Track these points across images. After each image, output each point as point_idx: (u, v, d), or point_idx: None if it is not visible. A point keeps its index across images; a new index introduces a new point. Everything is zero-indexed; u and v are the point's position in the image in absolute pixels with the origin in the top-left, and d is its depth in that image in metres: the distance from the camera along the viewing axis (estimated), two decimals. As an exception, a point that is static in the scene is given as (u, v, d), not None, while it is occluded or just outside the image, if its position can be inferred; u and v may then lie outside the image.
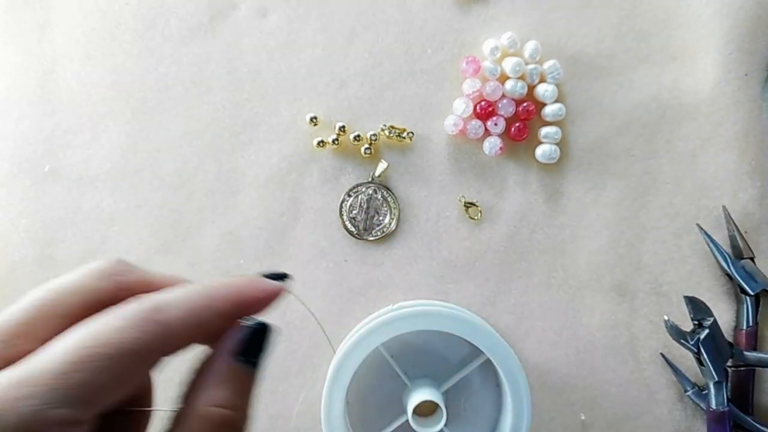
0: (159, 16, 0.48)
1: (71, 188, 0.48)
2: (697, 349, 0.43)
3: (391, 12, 0.48)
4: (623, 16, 0.48)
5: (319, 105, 0.48)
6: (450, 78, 0.48)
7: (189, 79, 0.48)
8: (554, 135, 0.46)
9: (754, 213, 0.46)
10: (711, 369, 0.43)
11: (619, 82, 0.47)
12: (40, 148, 0.48)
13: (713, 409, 0.44)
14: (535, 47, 0.46)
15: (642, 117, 0.47)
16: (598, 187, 0.47)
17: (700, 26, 0.47)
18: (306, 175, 0.47)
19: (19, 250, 0.48)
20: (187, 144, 0.48)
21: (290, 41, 0.48)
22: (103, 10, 0.49)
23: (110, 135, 0.48)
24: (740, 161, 0.47)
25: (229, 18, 0.48)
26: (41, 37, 0.49)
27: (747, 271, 0.45)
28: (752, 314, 0.45)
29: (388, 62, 0.48)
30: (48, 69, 0.48)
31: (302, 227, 0.47)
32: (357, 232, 0.47)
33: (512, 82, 0.46)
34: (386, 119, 0.47)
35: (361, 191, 0.47)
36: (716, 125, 0.47)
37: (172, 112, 0.48)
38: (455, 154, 0.47)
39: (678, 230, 0.47)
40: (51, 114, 0.48)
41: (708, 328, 0.43)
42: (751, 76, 0.47)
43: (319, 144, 0.47)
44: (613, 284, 0.47)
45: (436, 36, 0.48)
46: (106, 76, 0.48)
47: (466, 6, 0.48)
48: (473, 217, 0.47)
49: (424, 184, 0.47)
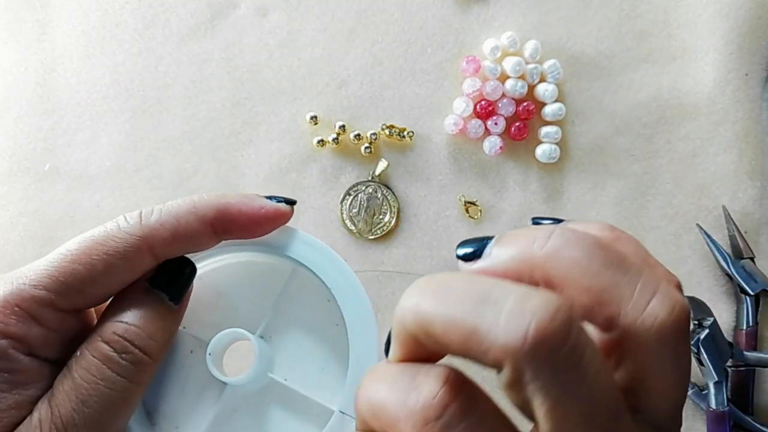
0: (159, 15, 0.48)
1: (71, 187, 0.48)
2: (697, 349, 0.43)
3: (391, 12, 0.48)
4: (623, 16, 0.48)
5: (319, 104, 0.48)
6: (450, 77, 0.48)
7: (189, 78, 0.48)
8: (554, 135, 0.46)
9: (754, 213, 0.46)
10: (711, 369, 0.43)
11: (619, 82, 0.47)
12: (39, 147, 0.48)
13: (713, 409, 0.44)
14: (535, 47, 0.46)
15: (642, 117, 0.47)
16: (598, 187, 0.47)
17: (700, 26, 0.47)
18: (306, 175, 0.47)
19: (19, 249, 0.48)
20: (186, 143, 0.48)
21: (290, 40, 0.48)
22: (104, 8, 0.49)
23: (110, 134, 0.48)
24: (740, 161, 0.47)
25: (229, 17, 0.48)
26: (41, 36, 0.49)
27: (747, 271, 0.45)
28: (752, 314, 0.45)
29: (388, 62, 0.48)
30: (48, 67, 0.48)
31: (302, 227, 0.47)
32: (357, 231, 0.47)
33: (512, 82, 0.46)
34: (386, 118, 0.47)
35: (361, 190, 0.47)
36: (716, 125, 0.47)
37: (172, 111, 0.48)
38: (455, 153, 0.47)
39: (678, 230, 0.47)
40: (51, 112, 0.48)
41: (708, 328, 0.43)
42: (751, 76, 0.47)
43: (319, 143, 0.47)
44: (613, 284, 0.47)
45: (436, 35, 0.48)
46: (106, 75, 0.48)
47: (466, 6, 0.48)
48: (473, 216, 0.47)
49: (424, 184, 0.47)
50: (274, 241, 0.28)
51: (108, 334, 0.23)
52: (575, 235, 0.19)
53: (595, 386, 0.17)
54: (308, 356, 0.29)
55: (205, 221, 0.25)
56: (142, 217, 0.24)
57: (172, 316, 0.25)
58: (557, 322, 0.16)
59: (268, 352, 0.28)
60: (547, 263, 0.19)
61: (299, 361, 0.29)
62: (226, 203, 0.25)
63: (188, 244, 0.25)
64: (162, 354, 0.25)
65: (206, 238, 0.25)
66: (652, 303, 0.18)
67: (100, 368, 0.23)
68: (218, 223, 0.25)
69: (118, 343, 0.23)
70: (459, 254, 0.20)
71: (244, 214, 0.25)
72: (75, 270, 0.23)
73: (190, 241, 0.25)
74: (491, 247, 0.20)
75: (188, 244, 0.25)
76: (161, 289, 0.25)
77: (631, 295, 0.18)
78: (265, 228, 0.26)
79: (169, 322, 0.25)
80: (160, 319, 0.24)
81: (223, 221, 0.25)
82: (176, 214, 0.25)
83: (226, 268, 0.30)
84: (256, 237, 0.27)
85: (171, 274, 0.25)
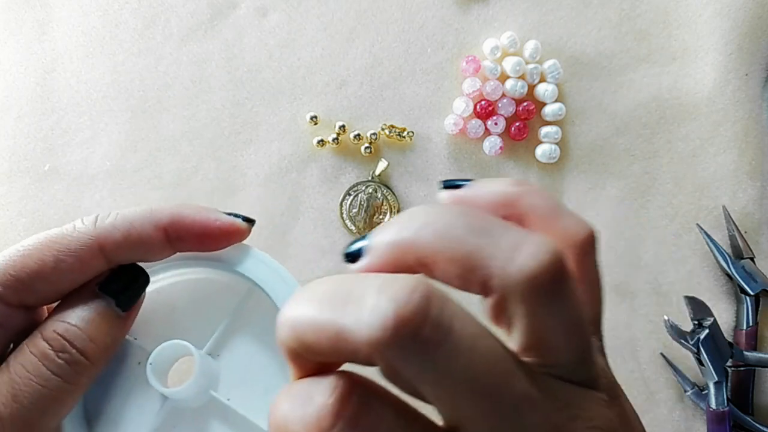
0: (159, 15, 0.48)
1: (71, 187, 0.48)
2: (697, 349, 0.43)
3: (391, 12, 0.48)
4: (623, 16, 0.48)
5: (319, 104, 0.48)
6: (450, 77, 0.48)
7: (189, 78, 0.48)
8: (554, 135, 0.46)
9: (754, 213, 0.46)
10: (711, 369, 0.43)
11: (619, 82, 0.47)
12: (39, 147, 0.48)
13: (713, 409, 0.44)
14: (535, 47, 0.46)
15: (642, 117, 0.47)
16: (598, 186, 0.47)
17: (700, 26, 0.47)
18: (306, 174, 0.47)
19: (18, 249, 0.48)
20: (186, 143, 0.48)
21: (290, 40, 0.48)
22: (103, 8, 0.49)
23: (110, 134, 0.48)
24: (740, 161, 0.47)
25: (229, 17, 0.48)
26: (41, 36, 0.49)
27: (747, 271, 0.45)
28: (752, 314, 0.45)
29: (388, 62, 0.48)
30: (48, 67, 0.48)
31: (302, 226, 0.47)
32: (357, 231, 0.47)
33: (512, 82, 0.46)
34: (386, 118, 0.47)
35: (361, 190, 0.47)
36: (716, 125, 0.47)
37: (172, 111, 0.48)
38: (455, 153, 0.47)
39: (678, 230, 0.47)
40: (50, 112, 0.48)
41: (708, 328, 0.43)
42: (751, 76, 0.47)
43: (319, 143, 0.47)
44: (613, 284, 0.47)
45: (436, 35, 0.48)
46: (106, 75, 0.48)
47: (466, 6, 0.48)
48: (473, 216, 0.47)
49: (424, 184, 0.47)
50: (227, 257, 0.27)
51: (48, 332, 0.23)
52: (439, 209, 0.19)
53: (472, 356, 0.17)
54: (255, 377, 0.28)
55: (159, 228, 0.25)
56: (98, 219, 0.25)
57: (118, 323, 0.25)
58: (413, 304, 0.16)
59: (212, 368, 0.28)
60: (415, 243, 0.18)
61: (246, 381, 0.28)
62: (181, 212, 0.25)
63: (141, 250, 0.25)
64: (103, 359, 0.24)
65: (160, 245, 0.25)
66: (516, 257, 0.17)
67: (35, 365, 0.23)
68: (172, 231, 0.25)
69: (57, 341, 0.23)
70: (343, 257, 0.20)
71: (198, 225, 0.25)
72: (25, 264, 0.23)
73: (143, 246, 0.25)
74: (370, 239, 0.20)
75: (141, 250, 0.25)
76: (110, 294, 0.24)
77: (495, 255, 0.18)
78: (219, 242, 0.26)
79: (114, 329, 0.25)
80: (104, 323, 0.24)
81: (177, 229, 0.25)
82: (131, 218, 0.25)
83: (184, 283, 0.29)
84: (210, 250, 0.26)
85: (122, 280, 0.25)
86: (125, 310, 0.25)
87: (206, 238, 0.26)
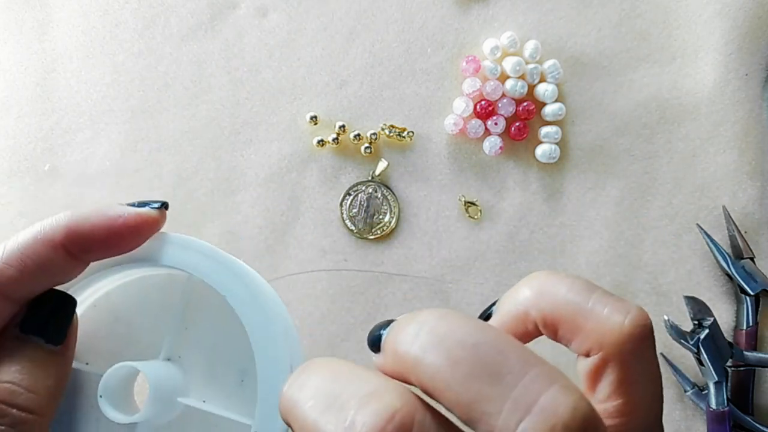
0: (159, 15, 0.48)
1: (71, 187, 0.48)
2: (697, 349, 0.43)
3: (391, 12, 0.48)
4: (623, 16, 0.48)
5: (319, 104, 0.48)
6: (450, 77, 0.48)
7: (189, 78, 0.48)
8: (554, 135, 0.46)
9: (754, 213, 0.46)
10: (711, 369, 0.43)
11: (619, 82, 0.47)
12: (39, 147, 0.48)
13: (713, 409, 0.44)
14: (535, 47, 0.46)
15: (642, 117, 0.47)
16: (598, 186, 0.47)
17: (700, 26, 0.47)
18: (306, 174, 0.47)
19: (18, 249, 0.48)
20: (186, 143, 0.48)
21: (290, 40, 0.48)
22: (104, 8, 0.49)
23: (110, 134, 0.48)
24: (740, 161, 0.47)
25: (229, 17, 0.48)
26: (41, 36, 0.49)
27: (747, 271, 0.45)
28: (752, 314, 0.45)
29: (388, 61, 0.48)
30: (48, 67, 0.48)
31: (302, 226, 0.47)
32: (357, 231, 0.47)
33: (512, 82, 0.46)
34: (386, 118, 0.47)
35: (361, 190, 0.47)
36: (716, 125, 0.47)
37: (172, 111, 0.48)
38: (455, 153, 0.47)
39: (678, 230, 0.47)
40: (51, 112, 0.48)
41: (708, 328, 0.43)
42: (751, 76, 0.47)
43: (319, 143, 0.47)
44: (613, 284, 0.47)
45: (436, 35, 0.48)
46: (106, 75, 0.48)
47: (466, 6, 0.48)
48: (473, 216, 0.47)
49: (424, 184, 0.47)
50: (149, 253, 0.24)
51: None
52: (443, 332, 0.17)
53: None
54: (225, 370, 0.26)
55: (56, 246, 0.22)
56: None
57: (55, 360, 0.22)
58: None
59: (172, 375, 0.25)
60: (414, 370, 0.17)
61: (217, 376, 0.26)
62: (76, 220, 0.22)
63: (45, 277, 0.22)
64: (52, 404, 0.22)
65: (64, 264, 0.22)
66: (524, 424, 0.15)
67: None
68: (72, 245, 0.22)
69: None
70: (368, 343, 0.20)
71: (99, 228, 0.22)
72: None
73: (46, 272, 0.22)
74: (383, 339, 0.19)
75: (45, 277, 0.22)
76: (36, 332, 0.21)
77: (500, 412, 0.16)
78: (131, 240, 0.23)
79: (54, 368, 0.22)
80: (39, 368, 0.21)
81: (78, 241, 0.22)
82: (22, 246, 0.21)
83: (118, 290, 0.26)
84: (124, 251, 0.23)
85: (44, 312, 0.22)
86: (59, 343, 0.22)
87: (114, 240, 0.23)
